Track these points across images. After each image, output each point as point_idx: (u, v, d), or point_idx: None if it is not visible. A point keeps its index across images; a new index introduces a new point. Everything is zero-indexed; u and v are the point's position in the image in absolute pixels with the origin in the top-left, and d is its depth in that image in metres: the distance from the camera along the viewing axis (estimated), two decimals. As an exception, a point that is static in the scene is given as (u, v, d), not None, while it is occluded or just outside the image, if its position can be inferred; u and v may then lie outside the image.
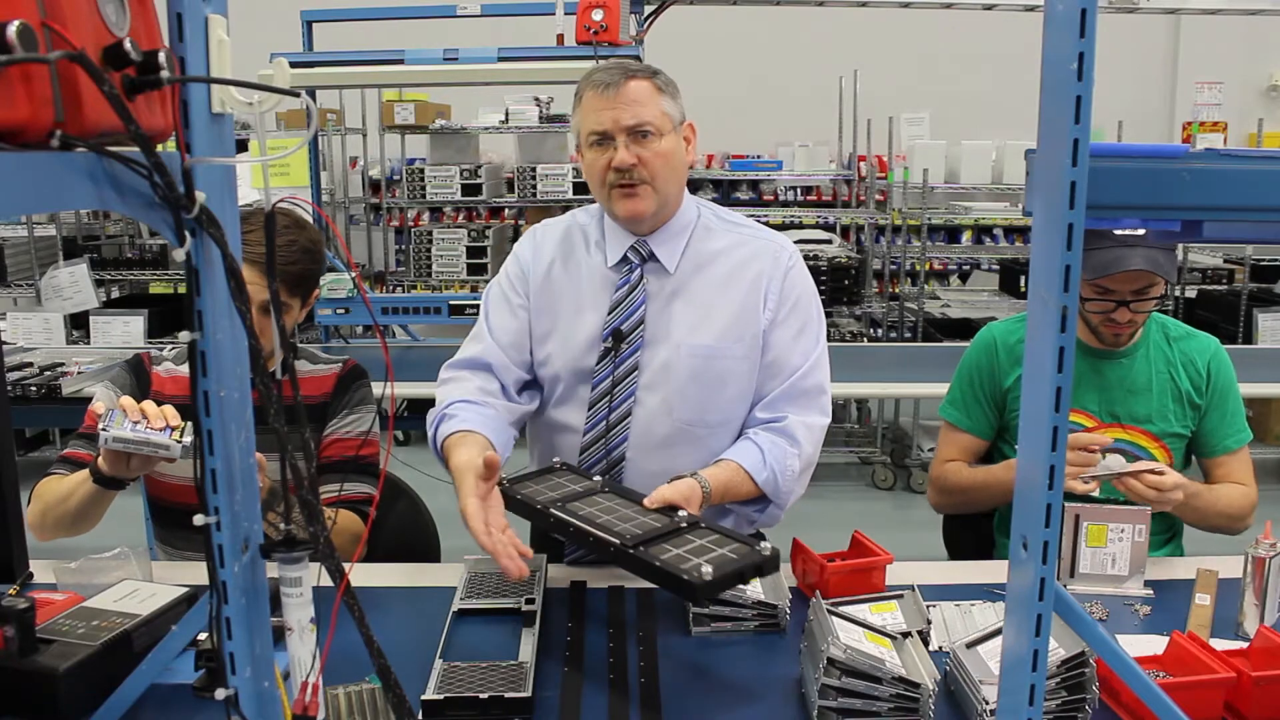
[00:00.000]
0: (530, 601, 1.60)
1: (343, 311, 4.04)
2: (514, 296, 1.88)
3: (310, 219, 2.32)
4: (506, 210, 6.71)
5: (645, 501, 1.55)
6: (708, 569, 1.31)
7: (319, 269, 1.95)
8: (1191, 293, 5.82)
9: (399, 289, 6.15)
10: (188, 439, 1.57)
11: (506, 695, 1.33)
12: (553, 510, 1.54)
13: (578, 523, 1.49)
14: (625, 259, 1.83)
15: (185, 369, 1.96)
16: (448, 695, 1.33)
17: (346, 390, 2.02)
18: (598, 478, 1.67)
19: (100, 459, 1.68)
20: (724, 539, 1.44)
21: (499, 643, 1.52)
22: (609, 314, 1.81)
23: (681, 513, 1.52)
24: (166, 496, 1.98)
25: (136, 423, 1.59)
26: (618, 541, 1.42)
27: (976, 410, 2.11)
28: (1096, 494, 2.00)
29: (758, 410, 1.83)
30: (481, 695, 1.32)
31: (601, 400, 1.81)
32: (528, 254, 1.90)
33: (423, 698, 1.32)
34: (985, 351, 2.11)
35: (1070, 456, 1.79)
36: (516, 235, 6.55)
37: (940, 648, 1.50)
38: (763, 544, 1.40)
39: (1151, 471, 1.81)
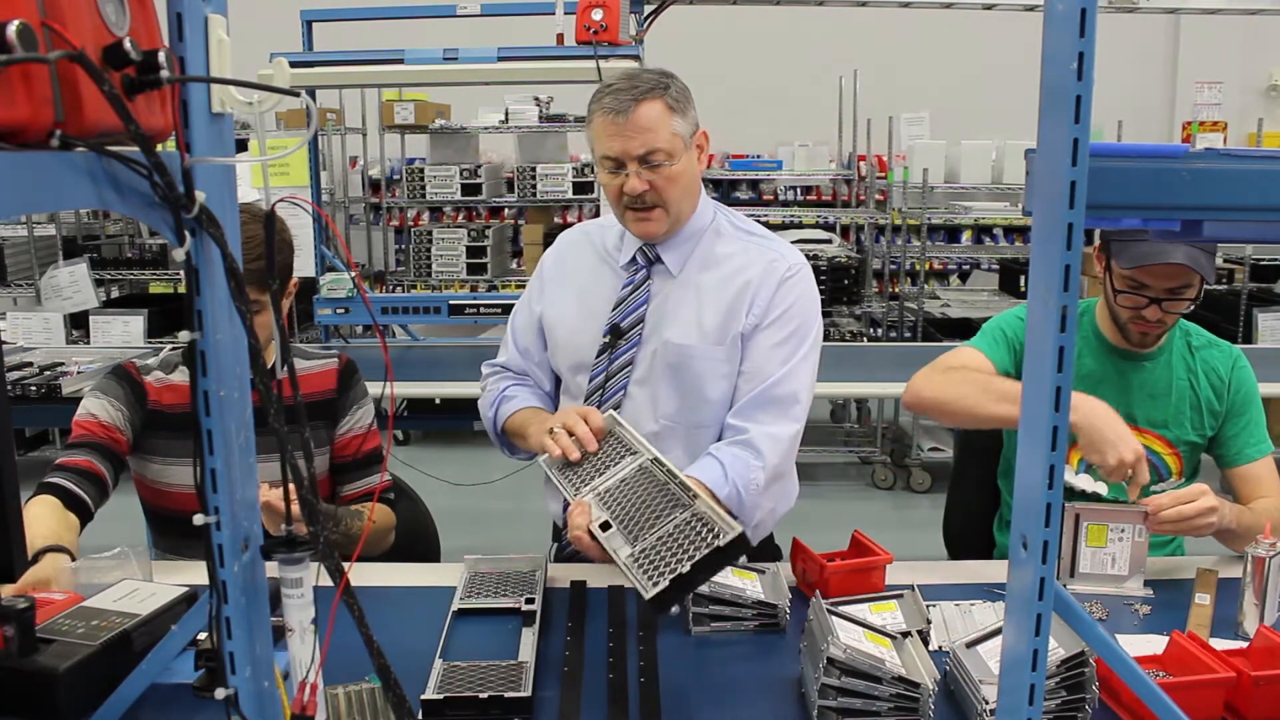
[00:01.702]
0: (530, 601, 1.60)
1: (342, 311, 4.04)
2: (531, 297, 2.01)
3: (310, 217, 2.32)
4: (506, 210, 6.71)
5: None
6: (662, 583, 1.27)
7: (285, 257, 1.94)
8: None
9: (399, 289, 6.14)
10: None
11: (506, 695, 1.32)
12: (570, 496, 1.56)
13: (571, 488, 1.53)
14: (634, 260, 1.88)
15: (177, 376, 1.94)
16: (447, 695, 1.33)
17: (349, 386, 2.05)
18: (649, 457, 1.59)
19: None
20: (697, 521, 1.38)
21: (499, 642, 1.52)
22: (612, 310, 1.87)
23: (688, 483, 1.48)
24: (163, 503, 1.96)
25: None
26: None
27: (1003, 349, 2.03)
28: (1104, 494, 1.99)
29: (729, 416, 1.83)
30: (481, 695, 1.32)
31: (595, 393, 1.86)
32: (549, 257, 2.03)
33: (422, 697, 1.32)
34: (1024, 311, 2.07)
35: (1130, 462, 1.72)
36: (516, 235, 6.61)
37: (940, 647, 1.50)
38: (727, 527, 1.34)
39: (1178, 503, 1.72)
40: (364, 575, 1.76)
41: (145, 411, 1.92)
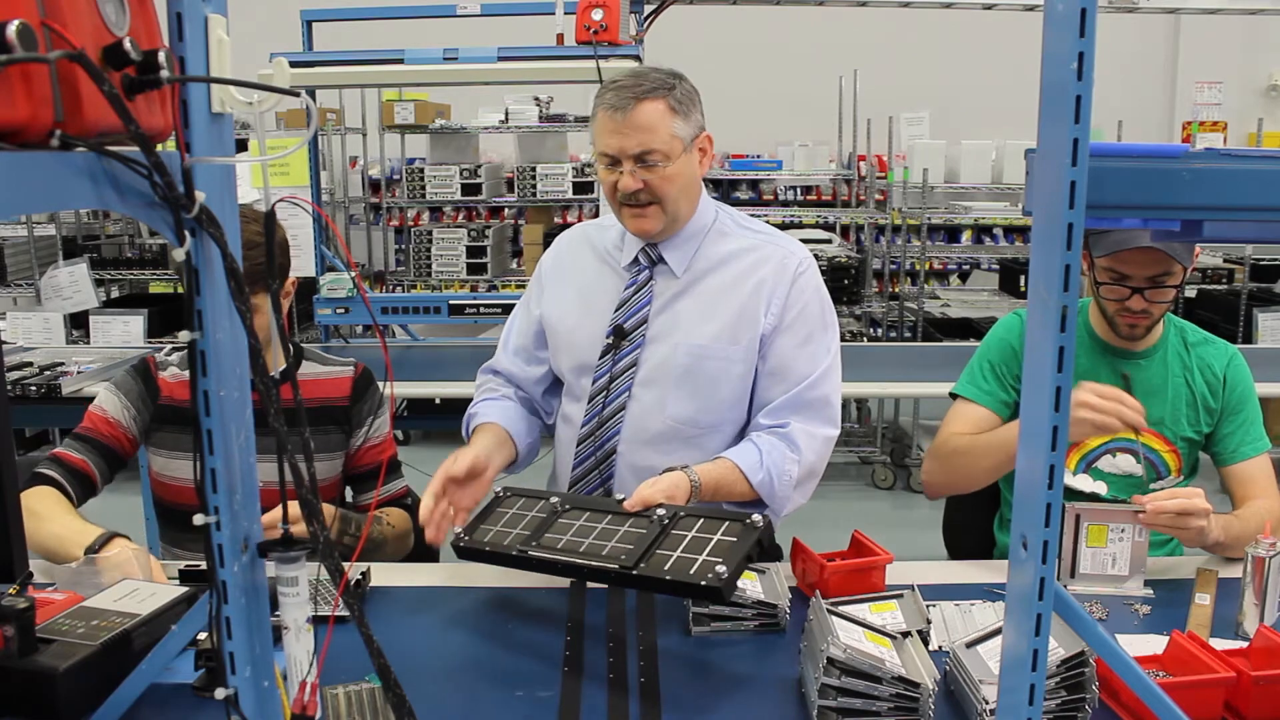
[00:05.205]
0: None
1: (342, 311, 4.04)
2: (531, 299, 2.00)
3: (310, 216, 2.32)
4: (506, 210, 6.71)
5: (626, 505, 1.54)
6: (721, 567, 1.29)
7: (281, 258, 1.94)
8: (1191, 292, 5.82)
9: (399, 289, 6.15)
10: None
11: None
12: (530, 552, 1.51)
13: (562, 558, 1.47)
14: (636, 260, 1.87)
15: None
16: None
17: (366, 396, 2.05)
18: (554, 498, 1.63)
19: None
20: (711, 522, 1.42)
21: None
22: (615, 311, 1.86)
23: (659, 511, 1.51)
24: (168, 496, 1.98)
25: None
26: (615, 567, 1.40)
27: (994, 384, 2.05)
28: (1104, 493, 1.99)
29: (761, 416, 1.83)
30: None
31: (599, 395, 1.85)
32: (548, 258, 2.01)
33: None
34: (1010, 331, 2.06)
35: (1108, 407, 1.73)
36: (516, 235, 6.61)
37: (940, 647, 1.50)
38: (752, 516, 1.39)
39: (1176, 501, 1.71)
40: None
41: (155, 408, 1.95)
